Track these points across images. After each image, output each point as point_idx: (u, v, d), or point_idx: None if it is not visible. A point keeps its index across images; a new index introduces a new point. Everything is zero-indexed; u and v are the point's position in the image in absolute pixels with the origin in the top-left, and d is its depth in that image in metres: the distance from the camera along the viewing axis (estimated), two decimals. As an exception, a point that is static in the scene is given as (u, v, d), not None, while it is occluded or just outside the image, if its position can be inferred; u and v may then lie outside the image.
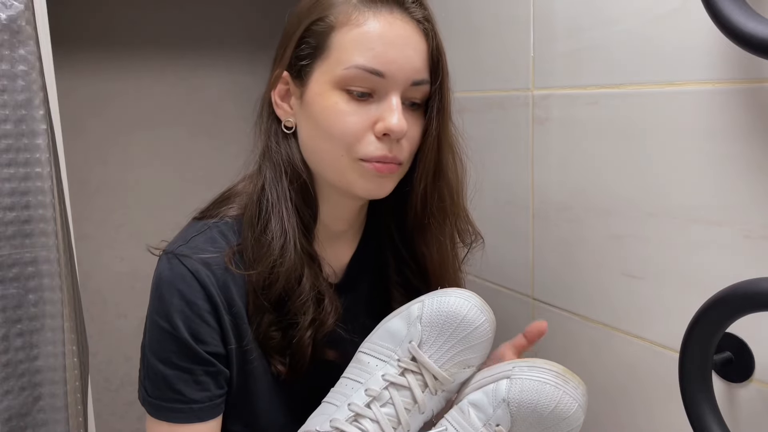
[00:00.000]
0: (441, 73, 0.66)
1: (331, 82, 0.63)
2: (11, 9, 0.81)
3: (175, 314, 0.64)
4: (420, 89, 0.66)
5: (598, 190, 0.80)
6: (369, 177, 0.65)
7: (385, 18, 0.63)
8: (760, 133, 0.61)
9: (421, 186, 0.69)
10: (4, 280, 0.85)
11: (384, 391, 0.59)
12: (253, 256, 0.66)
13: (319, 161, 0.67)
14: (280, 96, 0.69)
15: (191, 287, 0.65)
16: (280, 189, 0.67)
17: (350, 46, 0.62)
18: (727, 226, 0.65)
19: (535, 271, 0.92)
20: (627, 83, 0.74)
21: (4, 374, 0.86)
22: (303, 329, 0.67)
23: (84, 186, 1.46)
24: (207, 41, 1.58)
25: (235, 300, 0.67)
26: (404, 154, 0.66)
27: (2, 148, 0.83)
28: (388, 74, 0.62)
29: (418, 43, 0.65)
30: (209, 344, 0.65)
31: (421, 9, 0.66)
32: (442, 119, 0.67)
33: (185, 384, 0.65)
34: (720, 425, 0.61)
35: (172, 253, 0.67)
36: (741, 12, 0.55)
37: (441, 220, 0.72)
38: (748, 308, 0.57)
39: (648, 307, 0.75)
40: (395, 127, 0.62)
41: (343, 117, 0.63)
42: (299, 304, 0.66)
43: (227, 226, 0.70)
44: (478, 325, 0.61)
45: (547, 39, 0.85)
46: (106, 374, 1.51)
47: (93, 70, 1.47)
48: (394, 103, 0.63)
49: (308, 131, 0.67)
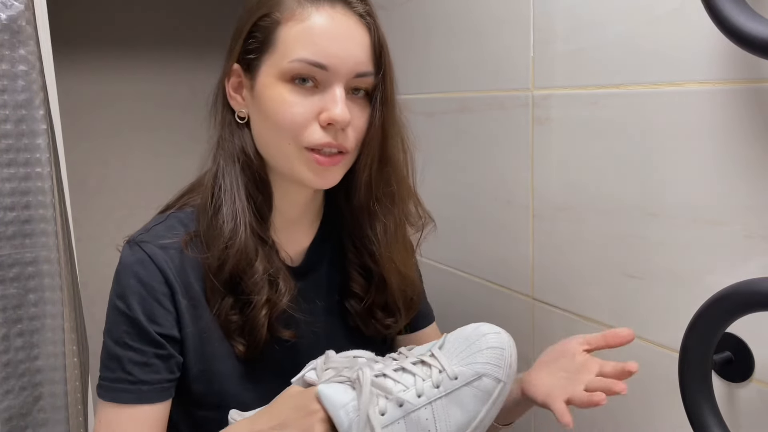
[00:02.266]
0: (384, 64, 0.69)
1: (277, 74, 0.66)
2: (11, 9, 0.81)
3: (131, 295, 0.67)
4: (364, 80, 0.68)
5: (598, 190, 0.80)
6: (314, 168, 0.67)
7: (328, 12, 0.66)
8: (760, 133, 0.61)
9: (365, 173, 0.71)
10: (4, 280, 0.85)
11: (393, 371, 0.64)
12: (207, 239, 0.69)
13: (269, 151, 0.70)
14: (234, 88, 0.72)
15: (148, 270, 0.68)
16: (233, 176, 0.70)
17: (294, 41, 0.65)
18: (727, 226, 0.65)
19: (535, 271, 0.92)
20: (627, 83, 0.74)
21: (4, 374, 0.86)
22: (257, 308, 0.69)
23: (84, 186, 1.46)
24: (207, 41, 1.58)
25: (193, 284, 0.69)
26: (350, 142, 0.68)
27: (2, 148, 0.83)
28: (330, 67, 0.65)
29: (360, 37, 0.67)
30: (163, 326, 0.68)
31: (363, 4, 0.68)
32: (386, 109, 0.70)
33: (135, 365, 0.67)
34: (720, 425, 0.61)
35: (133, 240, 0.70)
36: (741, 12, 0.55)
37: (388, 204, 0.75)
38: (748, 308, 0.57)
39: (648, 307, 0.75)
40: (338, 116, 0.65)
41: (288, 107, 0.66)
42: (251, 284, 0.69)
43: (186, 214, 0.73)
44: (486, 333, 0.64)
45: (547, 39, 0.85)
46: (106, 374, 1.51)
47: (93, 70, 1.47)
48: (337, 93, 0.66)
49: (258, 122, 0.70)
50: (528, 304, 0.94)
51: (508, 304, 0.98)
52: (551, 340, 0.90)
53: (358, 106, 0.69)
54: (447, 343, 0.65)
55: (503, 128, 0.94)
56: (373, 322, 0.79)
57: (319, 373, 0.64)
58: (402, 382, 0.62)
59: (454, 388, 0.62)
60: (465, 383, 0.62)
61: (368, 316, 0.79)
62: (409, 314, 0.82)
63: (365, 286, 0.79)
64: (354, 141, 0.69)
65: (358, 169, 0.72)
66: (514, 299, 0.96)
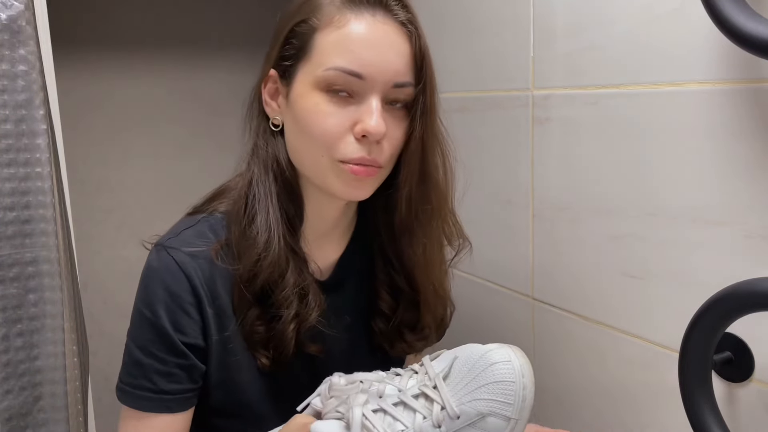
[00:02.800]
0: (425, 75, 0.66)
1: (312, 83, 0.64)
2: (11, 9, 0.81)
3: (158, 304, 0.66)
4: (402, 91, 0.65)
5: (598, 190, 0.80)
6: (347, 179, 0.65)
7: (367, 20, 0.63)
8: (760, 133, 0.61)
9: (406, 189, 0.69)
10: (4, 280, 0.85)
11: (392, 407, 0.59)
12: (238, 249, 0.68)
13: (302, 160, 0.68)
14: (270, 94, 0.70)
15: (176, 278, 0.66)
16: (266, 185, 0.68)
17: (331, 48, 0.63)
18: (727, 226, 0.65)
19: (535, 271, 0.92)
20: (627, 83, 0.74)
21: (4, 374, 0.86)
22: (286, 322, 0.68)
23: (84, 186, 1.46)
24: (207, 41, 1.58)
25: (220, 293, 0.68)
26: (384, 156, 0.66)
27: (2, 148, 0.83)
28: (367, 76, 0.62)
29: (400, 46, 0.64)
30: (188, 335, 0.67)
31: (405, 11, 0.65)
32: (427, 121, 0.67)
33: (158, 374, 0.66)
34: (720, 425, 0.61)
35: (161, 245, 0.69)
36: (741, 12, 0.55)
37: (426, 222, 0.72)
38: (748, 308, 0.57)
39: (648, 307, 0.75)
40: (373, 128, 0.62)
41: (323, 118, 0.63)
42: (282, 298, 0.67)
43: (217, 220, 0.71)
44: (495, 363, 0.58)
45: (547, 39, 0.85)
46: (106, 374, 1.50)
47: (93, 70, 1.46)
48: (373, 104, 0.63)
49: (292, 130, 0.68)
50: (528, 304, 0.94)
51: (508, 304, 0.98)
52: (551, 340, 0.90)
53: (395, 118, 0.66)
54: (453, 371, 0.60)
55: (503, 128, 0.94)
56: (400, 342, 0.77)
57: (323, 400, 0.61)
58: (401, 420, 0.57)
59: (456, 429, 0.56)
60: (468, 423, 0.56)
61: (396, 337, 0.77)
62: (439, 334, 0.81)
63: (393, 306, 0.77)
64: (389, 155, 0.66)
65: (398, 184, 0.69)
66: (514, 299, 0.96)
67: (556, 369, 0.90)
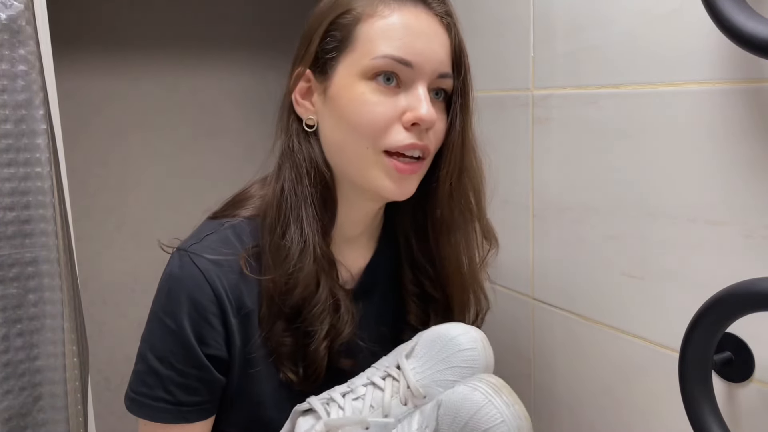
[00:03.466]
0: (464, 67, 0.67)
1: (358, 73, 0.63)
2: (11, 9, 0.81)
3: (182, 314, 0.63)
4: (445, 82, 0.66)
5: (598, 190, 0.80)
6: (392, 175, 0.64)
7: (410, 11, 0.64)
8: (760, 133, 0.61)
9: (447, 184, 0.68)
10: (4, 280, 0.85)
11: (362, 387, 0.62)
12: (272, 260, 0.65)
13: (343, 157, 0.66)
14: (301, 94, 0.68)
15: (200, 287, 0.64)
16: (300, 191, 0.66)
17: (377, 37, 0.62)
18: (727, 226, 0.65)
19: (535, 271, 0.92)
20: (627, 83, 0.74)
21: (4, 374, 0.86)
22: (319, 339, 0.65)
23: (84, 186, 1.46)
24: (207, 41, 1.58)
25: (246, 303, 0.66)
26: (432, 145, 0.65)
27: (2, 148, 0.83)
28: (415, 64, 0.62)
29: (441, 37, 0.65)
30: (211, 347, 0.65)
31: (443, 4, 0.67)
32: (466, 115, 0.67)
33: (177, 386, 0.64)
34: (720, 425, 0.61)
35: (184, 250, 0.66)
36: (741, 12, 0.55)
37: (465, 220, 0.71)
38: (748, 308, 0.57)
39: (648, 307, 0.75)
40: (425, 116, 0.62)
41: (371, 107, 0.62)
42: (316, 313, 0.65)
43: (241, 227, 0.69)
44: (465, 349, 0.61)
45: (547, 39, 0.85)
46: (106, 374, 1.51)
47: (93, 70, 1.46)
48: (421, 93, 0.63)
49: (332, 126, 0.66)
50: (528, 304, 0.94)
51: (508, 304, 0.97)
52: (551, 340, 0.90)
53: (438, 109, 0.66)
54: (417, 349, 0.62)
55: (503, 128, 0.94)
56: None
57: None
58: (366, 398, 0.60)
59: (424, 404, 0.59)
60: None
61: None
62: None
63: (424, 319, 0.75)
64: (435, 145, 0.66)
65: (438, 179, 0.68)
66: (514, 299, 0.96)
67: (556, 369, 0.90)
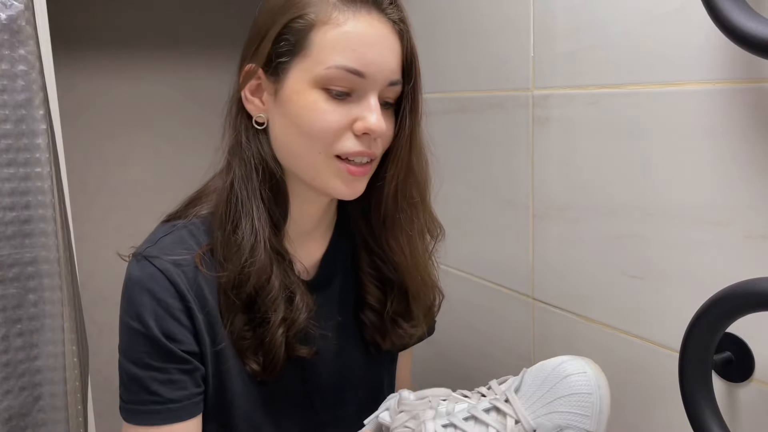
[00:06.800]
0: (414, 73, 0.67)
1: (310, 80, 0.63)
2: (11, 9, 0.81)
3: (146, 313, 0.64)
4: (394, 89, 0.67)
5: (598, 190, 0.80)
6: (343, 177, 0.66)
7: (365, 18, 0.63)
8: (760, 133, 0.61)
9: (393, 184, 0.70)
10: (4, 280, 0.85)
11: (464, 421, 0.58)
12: (224, 255, 0.66)
13: (294, 159, 0.67)
14: (251, 91, 0.69)
15: (161, 285, 0.64)
16: (251, 187, 0.67)
17: (331, 46, 0.62)
18: (727, 226, 0.65)
19: (535, 271, 0.92)
20: (627, 83, 0.74)
21: (4, 374, 0.86)
22: (274, 327, 0.66)
23: (84, 186, 1.46)
24: (207, 41, 1.58)
25: (208, 299, 0.67)
26: (379, 150, 0.67)
27: (2, 148, 0.83)
28: (368, 74, 0.63)
29: (393, 44, 0.65)
30: (183, 342, 0.65)
31: (397, 10, 0.66)
32: (414, 119, 0.68)
33: (160, 384, 0.64)
34: (720, 425, 0.61)
35: (141, 254, 0.67)
36: (741, 12, 0.55)
37: (410, 215, 0.73)
38: (748, 308, 0.57)
39: (648, 307, 0.75)
40: (375, 126, 0.63)
41: (323, 115, 0.63)
42: (269, 302, 0.66)
43: (196, 226, 0.70)
44: (570, 375, 0.57)
45: (547, 39, 0.85)
46: (106, 374, 1.50)
47: (93, 70, 1.46)
48: (372, 103, 0.64)
49: (283, 128, 0.66)
50: (528, 304, 0.94)
51: (508, 304, 0.98)
52: (551, 340, 0.90)
53: (386, 115, 0.67)
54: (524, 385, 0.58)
55: (503, 128, 0.94)
56: (395, 332, 0.77)
57: (392, 415, 0.60)
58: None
59: None
60: None
61: (391, 327, 0.77)
62: (427, 322, 0.81)
63: (381, 298, 0.76)
64: (382, 150, 0.68)
65: (385, 179, 0.70)
66: (514, 299, 0.96)
67: (556, 369, 0.90)
